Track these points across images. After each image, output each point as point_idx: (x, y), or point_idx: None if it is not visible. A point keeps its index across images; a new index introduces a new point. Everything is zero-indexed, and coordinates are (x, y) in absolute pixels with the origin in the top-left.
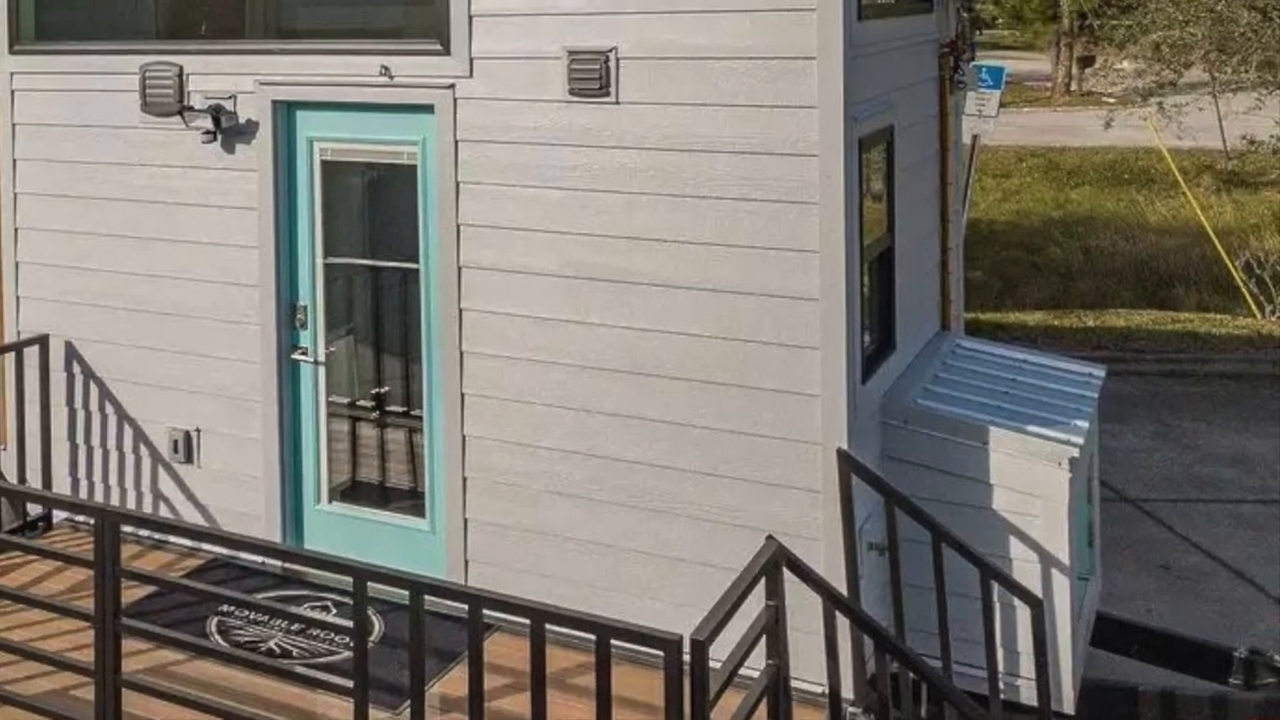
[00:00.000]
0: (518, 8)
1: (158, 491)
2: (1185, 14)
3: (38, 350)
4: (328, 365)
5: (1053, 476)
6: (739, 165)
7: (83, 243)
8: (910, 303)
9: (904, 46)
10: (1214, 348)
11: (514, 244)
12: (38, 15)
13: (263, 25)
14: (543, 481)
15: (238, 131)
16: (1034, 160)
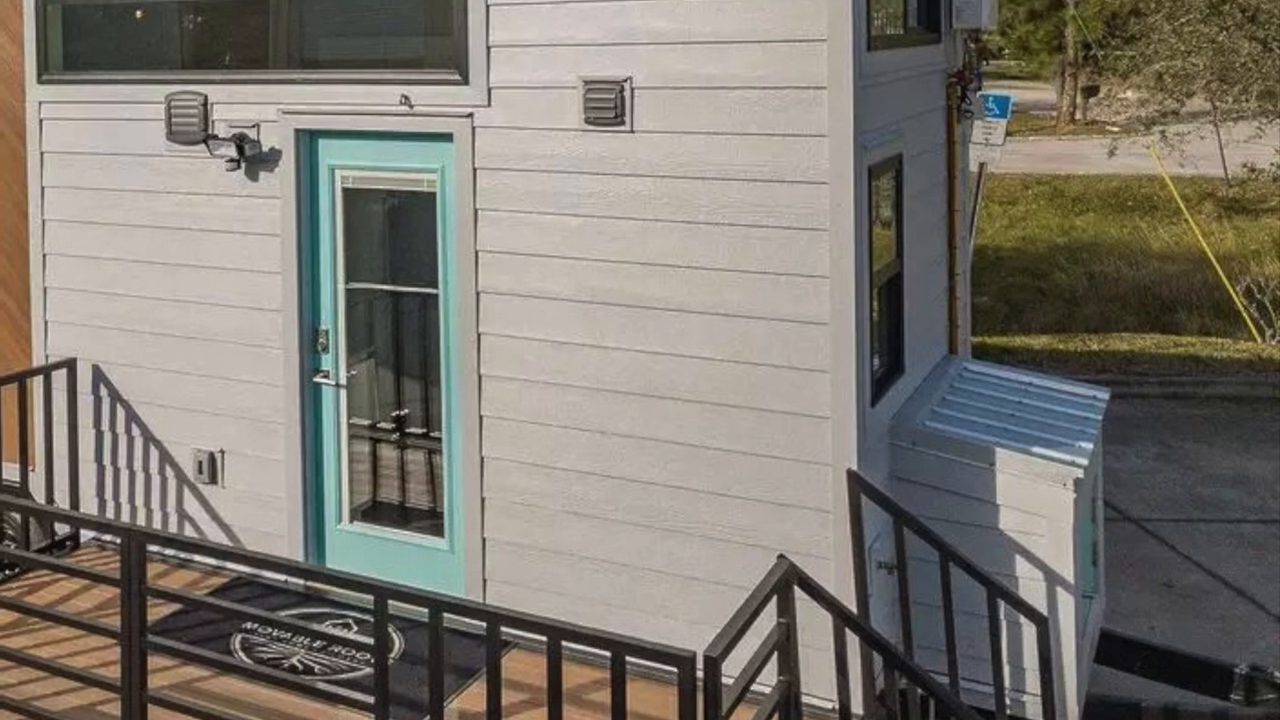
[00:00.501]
0: (535, 39)
1: (183, 511)
2: (1187, 45)
3: (66, 373)
4: (349, 388)
5: (1058, 497)
6: (751, 192)
7: (110, 268)
8: (919, 327)
9: (912, 76)
10: (1215, 371)
11: (531, 270)
12: (65, 46)
13: (285, 56)
14: (559, 502)
15: (261, 159)
16: (1039, 188)
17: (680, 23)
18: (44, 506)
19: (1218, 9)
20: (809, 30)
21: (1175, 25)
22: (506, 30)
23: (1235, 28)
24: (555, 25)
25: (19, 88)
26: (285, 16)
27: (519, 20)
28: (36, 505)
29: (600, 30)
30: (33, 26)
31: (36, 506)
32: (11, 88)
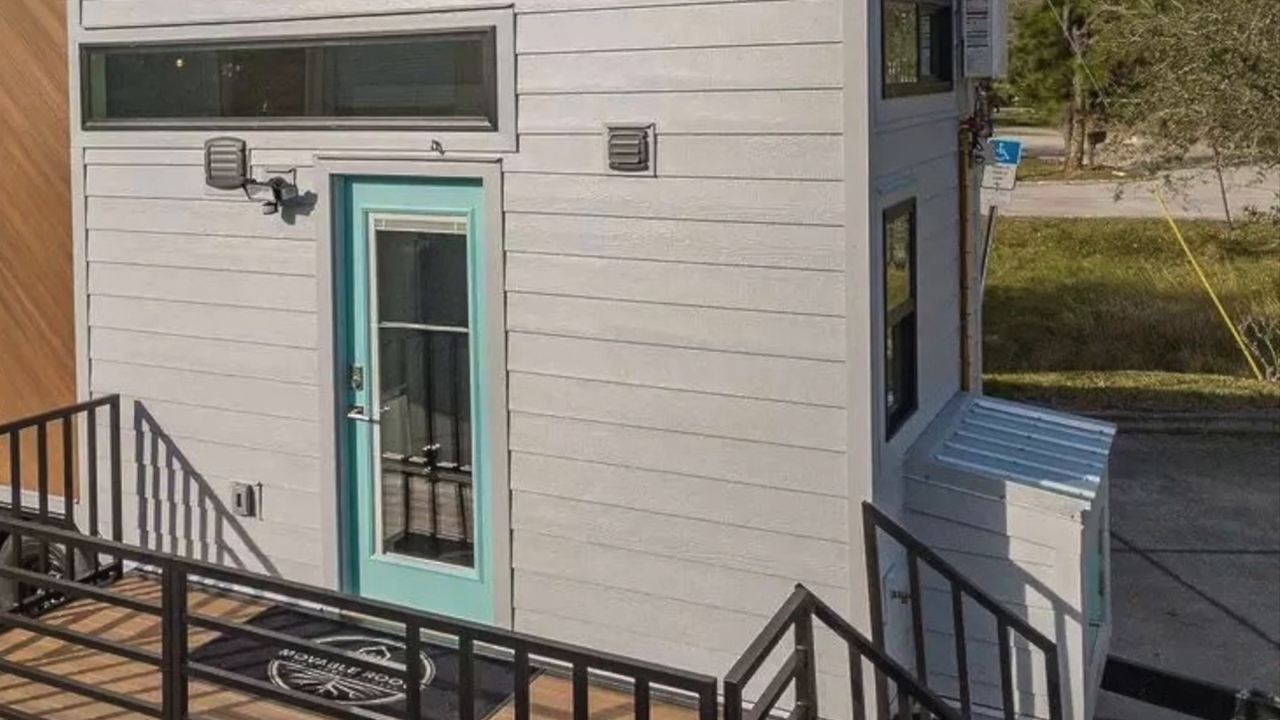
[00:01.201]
0: (561, 86)
1: (222, 542)
2: (1190, 92)
3: (109, 409)
4: (382, 423)
5: (1065, 528)
6: (770, 235)
7: (152, 308)
8: (931, 364)
9: (925, 123)
10: (1217, 407)
11: (558, 309)
12: (109, 94)
13: (321, 103)
14: (585, 533)
15: (297, 203)
16: (1048, 230)
17: (702, 71)
18: (88, 538)
19: (1220, 58)
20: (826, 79)
21: (1179, 74)
22: (534, 79)
23: (1237, 76)
24: (581, 74)
25: (64, 134)
26: (321, 65)
27: (546, 69)
28: (81, 537)
29: (624, 79)
30: (77, 75)
31: (81, 538)
32: (57, 134)
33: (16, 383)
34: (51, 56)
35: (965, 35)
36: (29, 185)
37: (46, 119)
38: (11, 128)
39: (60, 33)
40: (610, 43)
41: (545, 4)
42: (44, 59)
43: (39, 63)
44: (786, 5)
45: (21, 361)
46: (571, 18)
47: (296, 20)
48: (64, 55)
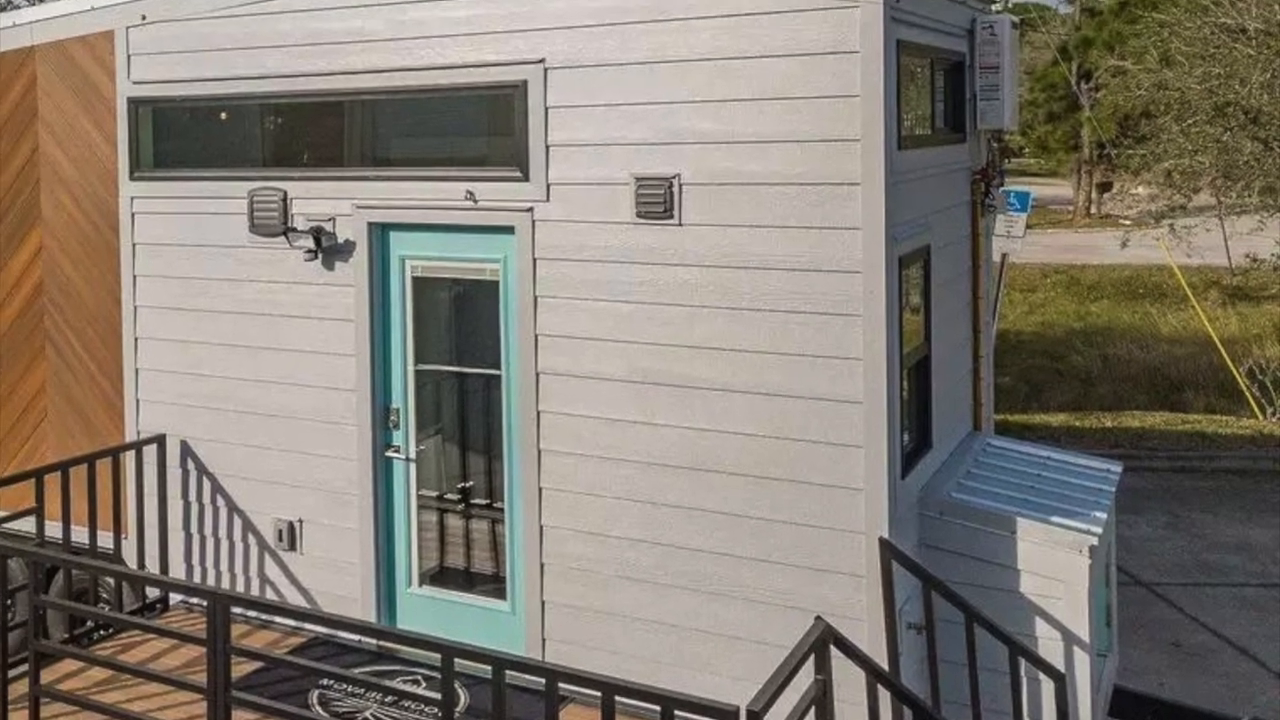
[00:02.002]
0: (590, 138)
1: (264, 576)
2: (1194, 144)
3: (156, 448)
4: (418, 462)
5: (1074, 562)
6: (790, 281)
7: (197, 351)
8: (945, 405)
9: (940, 173)
10: (1220, 446)
11: (587, 352)
12: (156, 146)
13: (359, 154)
14: (613, 567)
15: (337, 250)
16: (1057, 276)
17: (725, 124)
18: (136, 571)
19: (1222, 111)
20: (844, 131)
21: (1183, 126)
22: (564, 131)
23: (1238, 128)
24: (609, 126)
25: (113, 184)
26: (359, 118)
27: (575, 122)
28: (129, 570)
29: (650, 131)
30: (125, 127)
31: (129, 571)
32: (106, 184)
33: (67, 423)
34: (100, 110)
35: (978, 89)
36: (79, 233)
37: (96, 169)
38: (62, 178)
39: (109, 87)
40: (637, 96)
41: (574, 59)
42: (93, 112)
43: (89, 116)
44: (806, 60)
45: (72, 402)
46: (600, 72)
47: (336, 75)
48: (112, 109)
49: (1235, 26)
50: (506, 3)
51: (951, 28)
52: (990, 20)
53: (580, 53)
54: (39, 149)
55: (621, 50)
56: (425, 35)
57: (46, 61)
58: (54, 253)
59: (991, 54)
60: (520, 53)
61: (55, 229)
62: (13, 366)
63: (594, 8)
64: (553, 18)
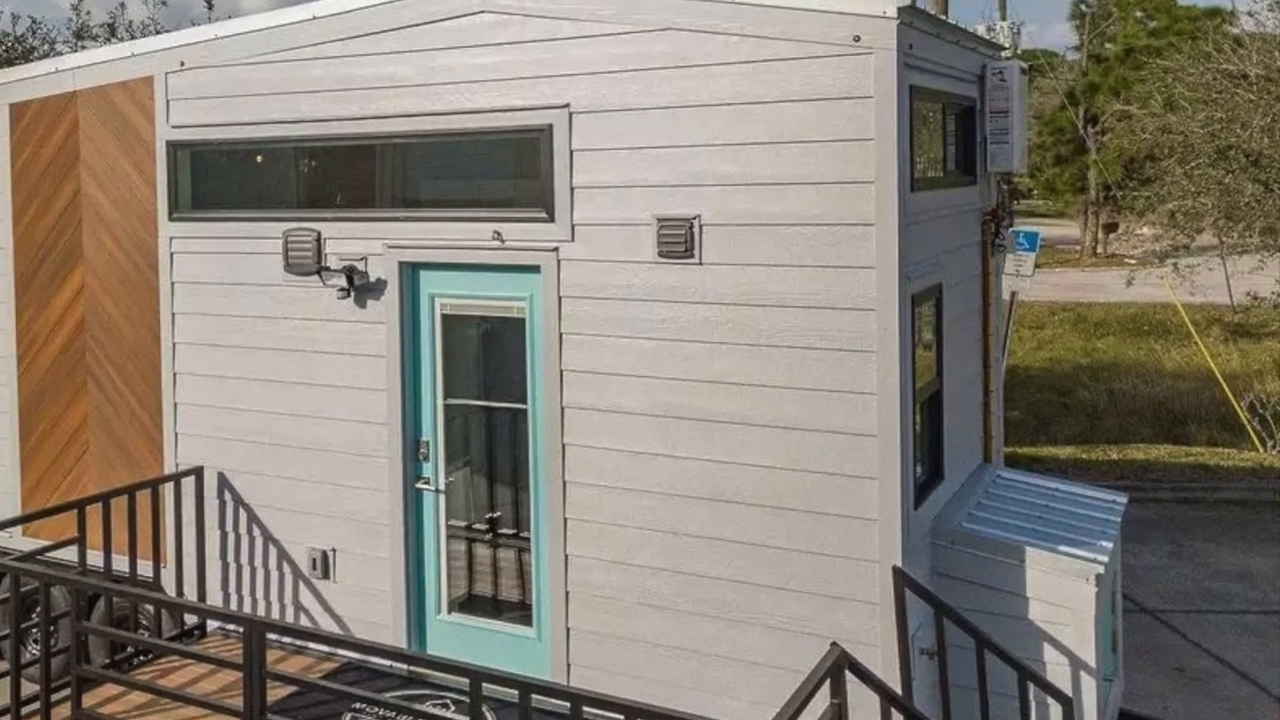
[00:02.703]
0: (613, 181)
1: (298, 603)
2: (1197, 186)
3: (194, 480)
4: (447, 493)
5: (1081, 590)
6: (807, 318)
7: (233, 386)
8: (957, 438)
9: (951, 214)
10: (1222, 478)
11: (610, 387)
12: (194, 187)
13: (390, 196)
14: (635, 595)
15: (368, 289)
16: (1064, 314)
17: (743, 166)
18: (174, 599)
19: (1224, 155)
20: (858, 173)
21: (1186, 169)
22: (588, 173)
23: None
24: (632, 169)
25: (152, 224)
26: (390, 161)
27: (599, 165)
28: (168, 598)
29: (672, 173)
30: (164, 170)
31: (168, 599)
32: (146, 224)
33: (108, 455)
34: (140, 153)
35: (988, 133)
36: (119, 272)
37: (136, 210)
38: (104, 219)
39: (149, 131)
40: (659, 140)
41: (598, 104)
42: (133, 155)
43: (129, 158)
44: (822, 105)
45: (113, 436)
46: (623, 116)
47: (368, 119)
48: (152, 152)
49: (1237, 72)
50: (533, 49)
51: (963, 73)
52: (1000, 66)
53: (604, 98)
54: (81, 191)
55: (644, 95)
56: (454, 81)
57: (88, 106)
58: (95, 291)
59: (1001, 99)
60: (546, 98)
61: (97, 268)
62: (56, 401)
63: (617, 54)
64: (577, 64)
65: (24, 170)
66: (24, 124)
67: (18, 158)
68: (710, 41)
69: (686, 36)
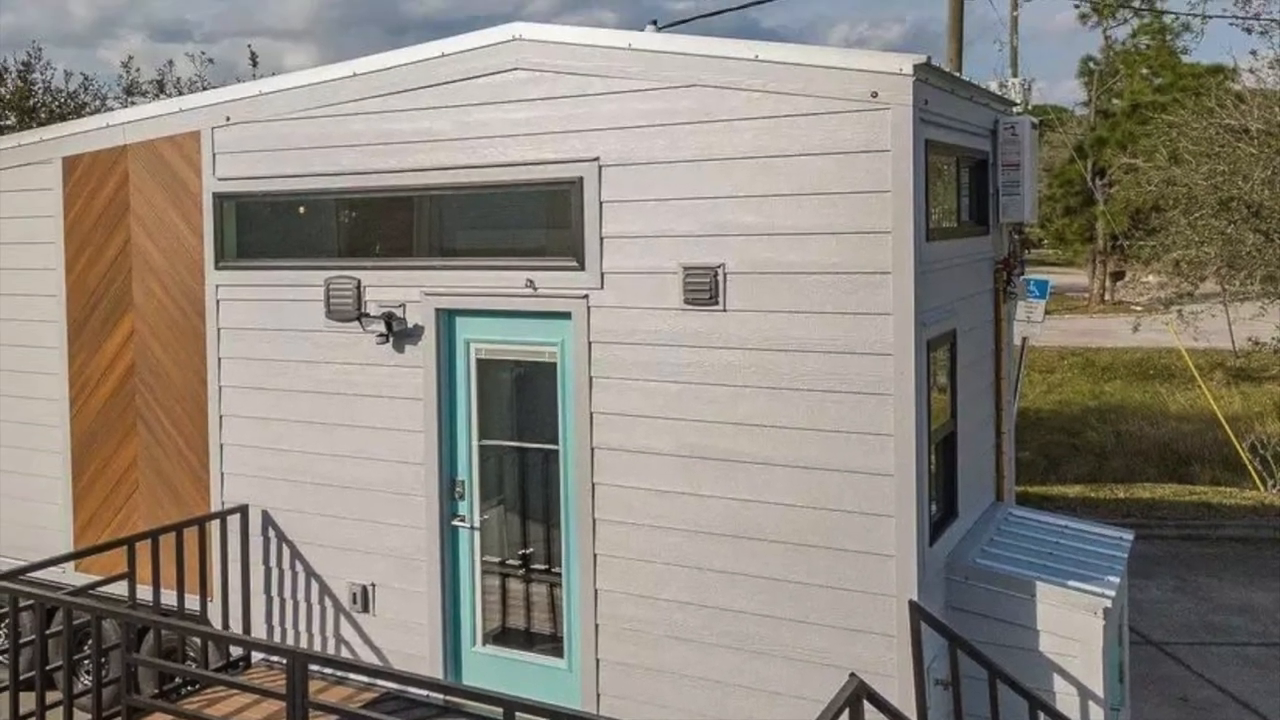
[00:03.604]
0: (641, 231)
1: (339, 636)
2: (1200, 236)
3: (239, 518)
4: (482, 530)
5: (1089, 623)
6: (826, 362)
7: (277, 427)
8: (970, 477)
9: (965, 263)
10: (1224, 516)
11: (638, 429)
12: (239, 237)
13: (428, 245)
14: (662, 628)
15: (407, 334)
16: (1073, 359)
17: (766, 217)
18: (220, 631)
19: (1226, 206)
20: (876, 224)
21: (1190, 220)
22: (617, 224)
23: (1241, 221)
24: (659, 219)
25: (199, 273)
26: (427, 212)
27: (628, 216)
28: (214, 630)
29: (697, 224)
30: (210, 220)
31: (214, 631)
32: (193, 273)
33: (157, 494)
34: (188, 204)
35: (1000, 185)
36: (168, 319)
37: (183, 259)
38: (153, 268)
39: (196, 183)
40: (685, 191)
41: (626, 157)
42: (181, 206)
43: (177, 210)
44: (841, 158)
45: (161, 475)
46: (650, 169)
47: (406, 172)
48: (199, 203)
49: (1238, 127)
50: (564, 105)
51: (976, 128)
52: (1012, 121)
53: (632, 151)
54: (131, 240)
55: (671, 149)
56: (489, 135)
57: (138, 159)
58: (145, 336)
59: (1013, 152)
60: (577, 151)
61: (146, 314)
62: (107, 442)
63: (645, 109)
64: (607, 119)
65: (77, 221)
66: (77, 176)
67: (70, 209)
68: (734, 97)
69: (711, 93)
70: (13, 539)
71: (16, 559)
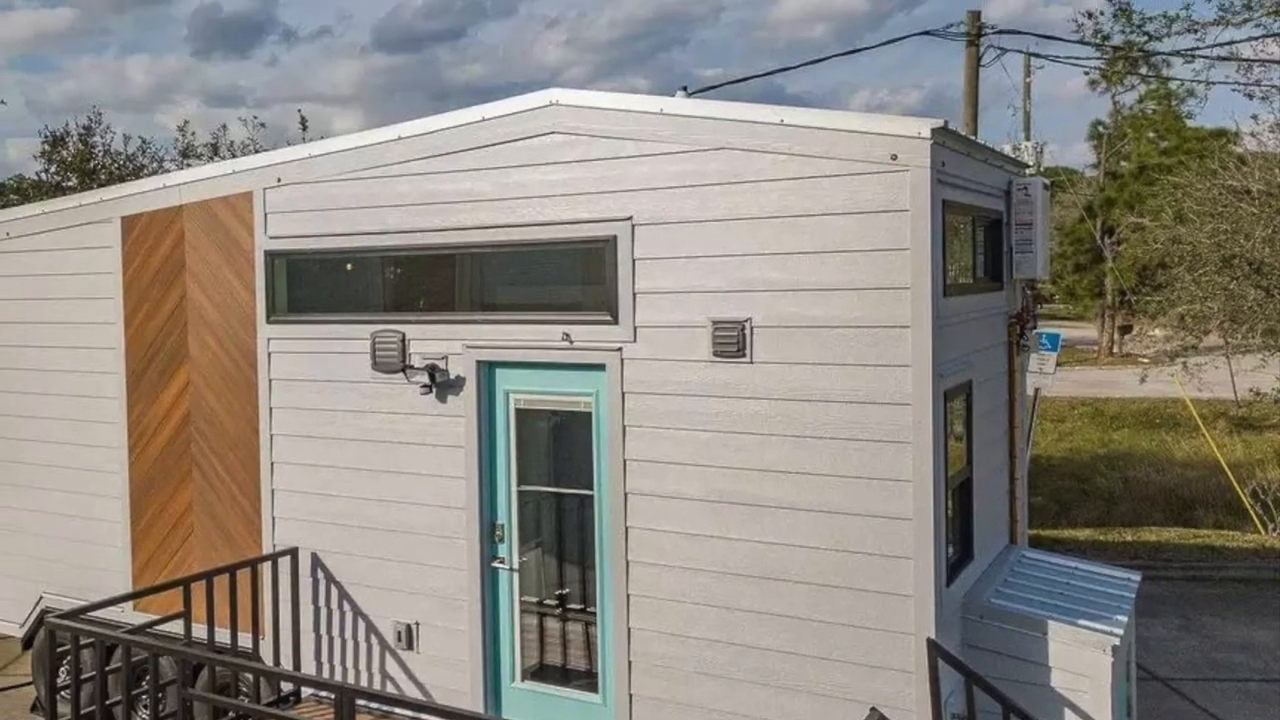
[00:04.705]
0: (672, 287)
1: (385, 672)
2: (1204, 291)
3: (289, 560)
4: (520, 571)
5: (1098, 660)
6: (848, 412)
7: (325, 474)
8: (985, 521)
9: (980, 317)
10: (1227, 558)
11: (669, 475)
12: (289, 293)
13: (469, 300)
14: (692, 664)
15: (449, 385)
16: (1083, 408)
17: (791, 274)
18: (272, 668)
19: (1229, 263)
20: (896, 280)
21: (1194, 276)
22: (649, 280)
23: (1243, 278)
24: (689, 276)
25: (251, 326)
26: (469, 268)
27: (659, 272)
28: (266, 667)
29: (725, 280)
30: (263, 277)
31: (266, 668)
32: (246, 326)
33: (211, 537)
34: (240, 261)
35: (1014, 243)
36: (221, 370)
37: (236, 314)
38: (207, 322)
39: (248, 241)
40: (714, 249)
41: (658, 217)
42: (234, 263)
43: (230, 266)
44: (862, 218)
45: (216, 519)
46: (681, 228)
47: (448, 231)
48: (251, 260)
49: (1240, 188)
50: (599, 167)
51: (990, 189)
52: (1024, 182)
53: (664, 211)
54: (186, 295)
55: (700, 209)
56: (527, 196)
57: (193, 219)
58: (200, 387)
59: (1026, 212)
60: (611, 211)
61: (201, 366)
62: (163, 487)
63: (676, 171)
64: (640, 180)
65: (135, 277)
66: (135, 235)
67: (129, 265)
68: (760, 160)
69: (739, 155)
70: (75, 580)
71: (78, 599)
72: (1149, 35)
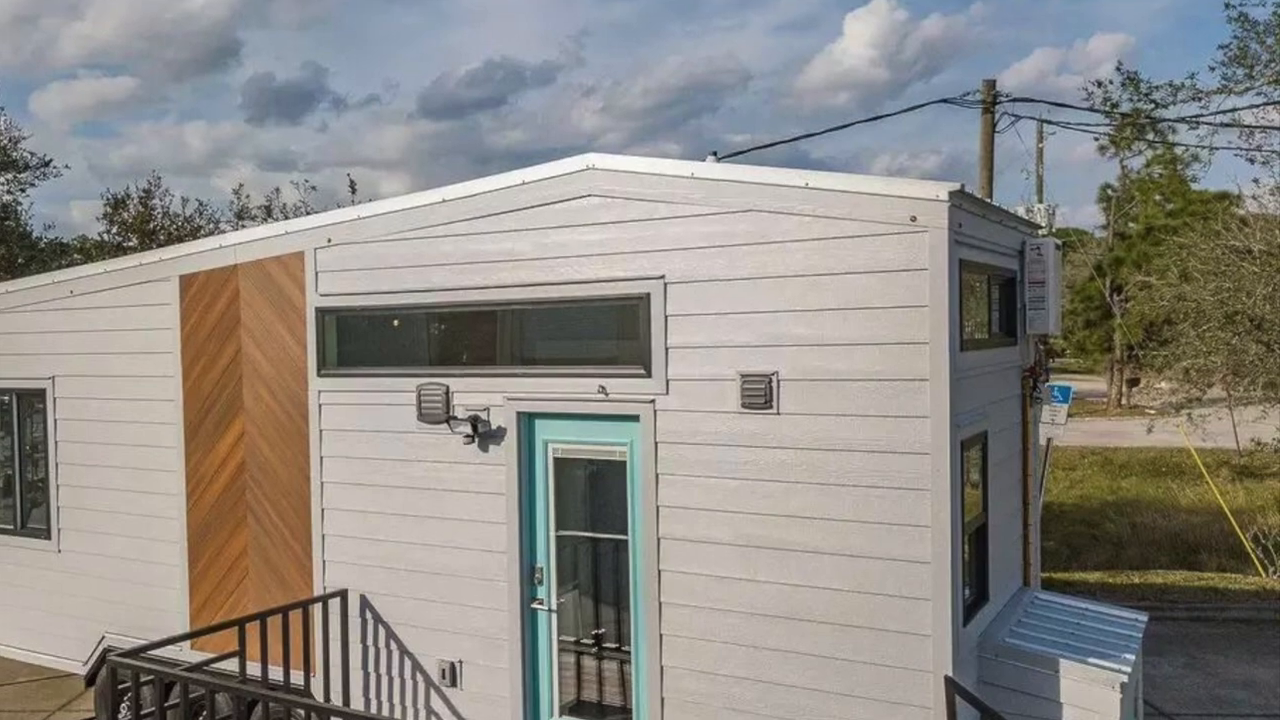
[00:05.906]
0: (703, 342)
1: (429, 708)
2: (1208, 346)
3: (339, 601)
4: (559, 612)
5: (1107, 697)
6: (870, 461)
7: (373, 519)
8: (1000, 565)
9: (995, 371)
10: (1230, 599)
11: (699, 520)
12: (339, 348)
13: (510, 355)
14: (721, 701)
15: (490, 435)
16: (1093, 457)
17: (816, 329)
18: (323, 704)
19: (1231, 319)
20: (915, 335)
21: (1199, 332)
22: (681, 335)
23: (1245, 334)
24: (719, 331)
25: (303, 379)
26: (510, 324)
27: (691, 328)
28: (317, 703)
29: (754, 335)
30: (314, 332)
31: (317, 704)
32: (298, 379)
33: (265, 580)
34: (293, 317)
35: (1027, 300)
36: (275, 421)
37: (289, 367)
38: (261, 375)
39: (300, 298)
40: (742, 306)
41: (690, 275)
42: (286, 319)
43: (283, 322)
44: (883, 276)
45: (269, 563)
46: (711, 286)
47: (490, 288)
48: (303, 316)
49: (1242, 248)
50: (633, 228)
51: (1005, 249)
52: (1038, 243)
53: (695, 270)
54: (241, 350)
55: (729, 268)
56: (565, 255)
57: (248, 277)
58: (254, 437)
59: (1038, 271)
60: (644, 270)
61: (255, 417)
62: (219, 532)
63: (706, 232)
64: (672, 241)
65: (192, 332)
66: (192, 292)
67: (187, 321)
68: (786, 221)
69: (766, 217)
70: (135, 620)
71: (139, 639)
72: (1156, 103)
